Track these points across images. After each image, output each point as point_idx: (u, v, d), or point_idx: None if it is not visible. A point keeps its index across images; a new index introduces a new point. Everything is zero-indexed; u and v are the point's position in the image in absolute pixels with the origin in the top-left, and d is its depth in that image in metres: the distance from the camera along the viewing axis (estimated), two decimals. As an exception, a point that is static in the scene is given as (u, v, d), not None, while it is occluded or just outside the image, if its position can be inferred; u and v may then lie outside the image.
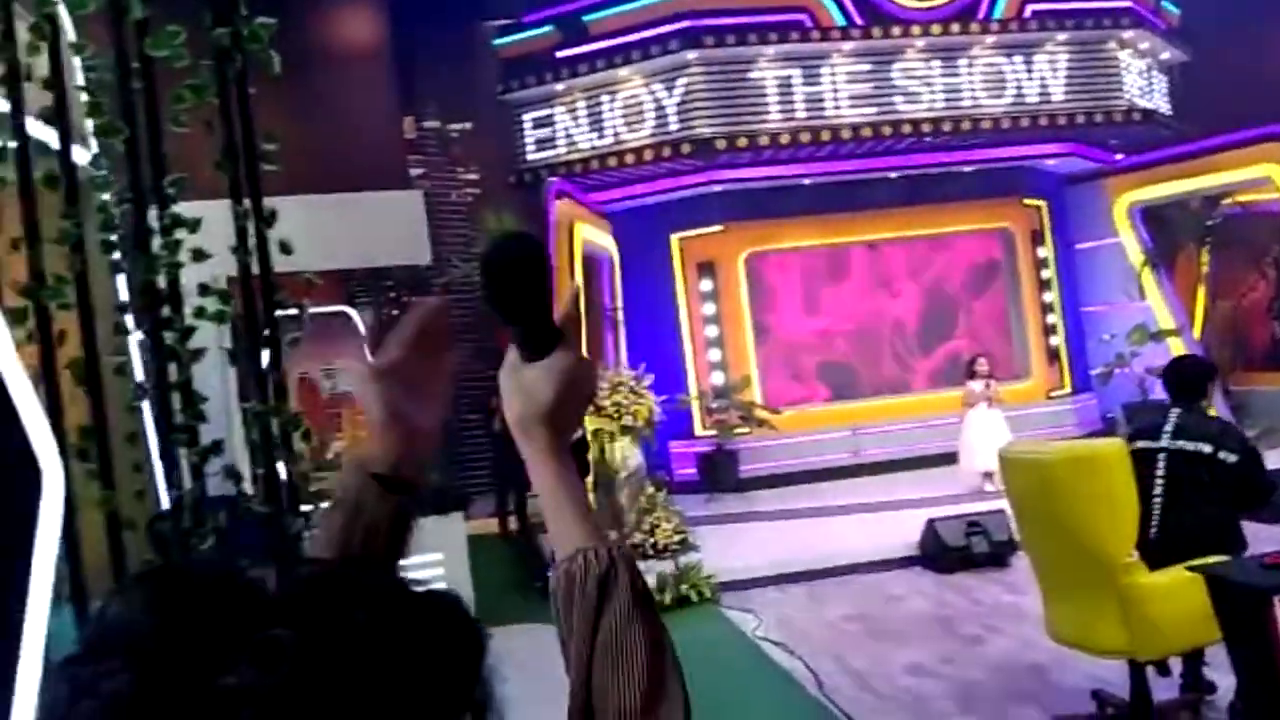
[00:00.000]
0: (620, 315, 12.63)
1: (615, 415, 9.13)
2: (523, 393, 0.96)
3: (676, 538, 9.12)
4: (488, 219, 15.36)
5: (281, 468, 2.47)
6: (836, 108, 12.27)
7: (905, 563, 8.57)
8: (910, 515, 9.22)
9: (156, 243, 2.35)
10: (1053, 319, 14.18)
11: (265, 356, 2.41)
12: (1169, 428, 4.70)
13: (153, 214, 2.39)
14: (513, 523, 11.90)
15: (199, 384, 2.55)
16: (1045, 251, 14.21)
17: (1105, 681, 5.06)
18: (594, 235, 11.43)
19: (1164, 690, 4.79)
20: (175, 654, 0.59)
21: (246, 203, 2.48)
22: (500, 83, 13.23)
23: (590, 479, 9.48)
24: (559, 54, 12.72)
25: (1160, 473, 4.65)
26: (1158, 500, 4.63)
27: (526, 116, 13.06)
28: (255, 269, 2.49)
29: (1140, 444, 4.71)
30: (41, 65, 2.41)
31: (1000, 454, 5.20)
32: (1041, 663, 5.77)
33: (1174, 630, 4.34)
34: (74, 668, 0.61)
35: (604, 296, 12.16)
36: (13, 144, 2.32)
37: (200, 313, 2.47)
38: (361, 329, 9.66)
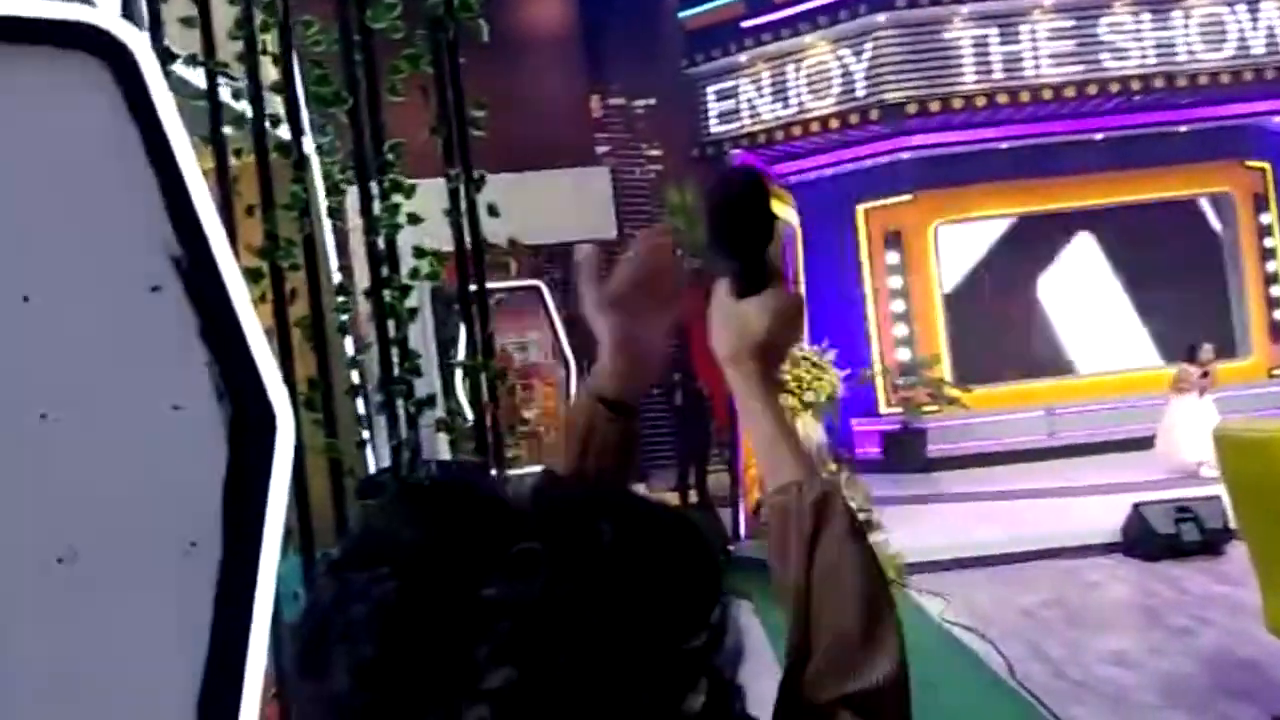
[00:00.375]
0: (802, 289, 12.47)
1: (797, 390, 9.03)
2: (736, 326, 0.98)
3: (860, 516, 8.91)
4: (670, 194, 15.45)
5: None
6: (1036, 67, 11.65)
7: (1105, 549, 8.12)
8: (1111, 500, 8.73)
9: (376, 207, 2.50)
10: (1277, 291, 13.09)
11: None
12: None
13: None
14: (693, 496, 12.00)
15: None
16: (1269, 218, 13.10)
17: (1335, 682, 4.68)
18: (776, 208, 11.27)
19: (1405, 694, 4.39)
20: (437, 565, 0.61)
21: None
22: (684, 57, 13.24)
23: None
24: (744, 24, 12.61)
25: None
26: None
27: (710, 89, 13.02)
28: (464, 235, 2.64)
29: None
30: (269, 42, 2.58)
31: (1216, 433, 4.85)
32: (1258, 658, 5.37)
33: None
34: (344, 573, 0.64)
35: (786, 269, 12.03)
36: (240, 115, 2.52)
37: (415, 273, 2.63)
38: (550, 303, 9.93)
